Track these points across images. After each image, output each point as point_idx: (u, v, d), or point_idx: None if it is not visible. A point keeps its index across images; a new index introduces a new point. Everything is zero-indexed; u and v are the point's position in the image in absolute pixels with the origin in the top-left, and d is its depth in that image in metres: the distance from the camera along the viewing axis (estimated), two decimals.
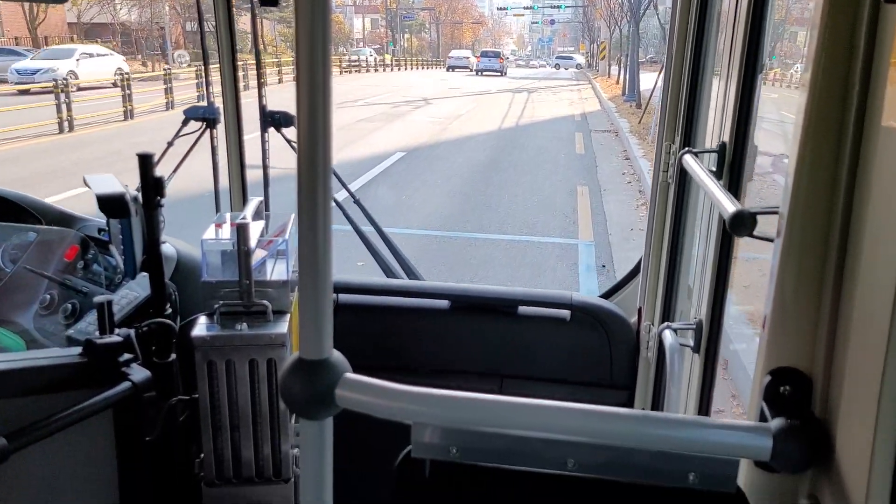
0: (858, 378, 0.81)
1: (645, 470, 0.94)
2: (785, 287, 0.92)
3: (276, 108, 2.71)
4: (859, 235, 0.83)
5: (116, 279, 2.30)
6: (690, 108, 2.04)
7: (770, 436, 0.84)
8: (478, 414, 0.87)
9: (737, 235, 1.32)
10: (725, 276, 1.63)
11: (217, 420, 2.05)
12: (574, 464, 0.94)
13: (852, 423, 0.82)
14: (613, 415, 0.86)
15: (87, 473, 1.96)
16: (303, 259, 0.80)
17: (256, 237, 2.07)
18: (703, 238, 1.90)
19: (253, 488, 2.11)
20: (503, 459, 0.97)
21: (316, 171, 0.75)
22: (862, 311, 0.81)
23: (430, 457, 0.98)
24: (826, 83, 0.86)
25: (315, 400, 0.85)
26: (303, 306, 0.82)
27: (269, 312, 2.03)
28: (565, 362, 2.50)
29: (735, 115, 1.54)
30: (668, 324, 1.93)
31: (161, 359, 2.10)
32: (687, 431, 0.86)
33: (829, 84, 0.86)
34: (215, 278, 2.05)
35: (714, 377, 1.75)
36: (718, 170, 1.61)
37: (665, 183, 2.19)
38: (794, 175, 0.89)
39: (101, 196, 2.00)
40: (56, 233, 2.35)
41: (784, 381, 0.93)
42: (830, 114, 0.86)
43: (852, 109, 0.84)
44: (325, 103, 0.72)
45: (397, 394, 0.87)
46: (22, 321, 2.20)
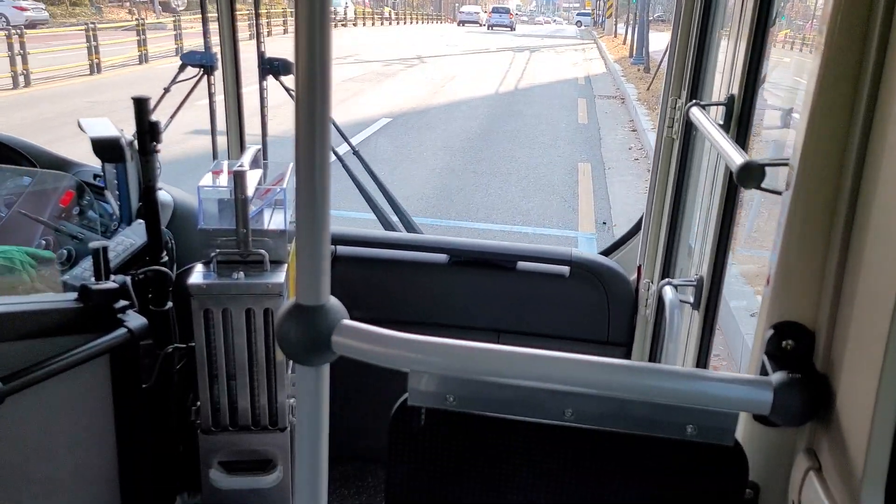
0: (863, 333, 0.80)
1: (643, 421, 0.93)
2: (791, 241, 0.92)
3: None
4: (871, 188, 0.82)
5: (112, 226, 2.27)
6: (698, 62, 2.02)
7: (771, 389, 0.84)
8: (476, 362, 0.88)
9: (744, 188, 1.29)
10: (729, 232, 1.62)
11: (213, 369, 2.05)
12: (572, 414, 0.94)
13: (855, 377, 0.81)
14: (614, 366, 0.86)
15: (83, 419, 1.95)
16: (300, 205, 0.80)
17: (254, 185, 2.06)
18: (707, 193, 1.88)
19: (249, 436, 2.11)
20: (500, 408, 0.96)
21: (314, 119, 0.74)
22: (870, 265, 0.80)
23: (426, 405, 0.97)
24: (843, 34, 0.85)
25: (311, 346, 0.85)
26: (300, 251, 0.82)
27: (266, 262, 2.02)
28: (563, 319, 2.50)
29: (745, 67, 1.51)
30: (668, 280, 1.93)
31: (157, 307, 2.10)
32: (687, 384, 0.86)
33: (846, 35, 0.85)
34: (212, 226, 2.03)
35: (713, 333, 1.74)
36: (726, 123, 1.58)
37: (669, 139, 2.16)
38: (807, 126, 0.88)
39: (96, 139, 1.99)
40: (51, 177, 2.31)
41: (787, 335, 0.92)
42: (846, 65, 0.85)
43: (869, 62, 0.82)
44: (324, 51, 0.71)
45: (395, 341, 0.88)
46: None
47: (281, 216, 2.14)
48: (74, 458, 1.96)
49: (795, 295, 0.93)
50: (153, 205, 2.09)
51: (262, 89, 2.75)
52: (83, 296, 1.85)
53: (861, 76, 0.85)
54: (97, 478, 2.02)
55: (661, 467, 0.98)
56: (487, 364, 0.87)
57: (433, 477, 1.04)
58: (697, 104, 1.71)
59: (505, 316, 2.53)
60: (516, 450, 1.00)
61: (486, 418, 0.98)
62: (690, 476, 0.97)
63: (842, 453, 0.83)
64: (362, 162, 2.91)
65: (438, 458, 1.03)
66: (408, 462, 1.04)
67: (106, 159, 2.13)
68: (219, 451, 2.13)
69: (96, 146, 2.00)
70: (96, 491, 2.03)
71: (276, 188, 2.20)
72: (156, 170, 2.09)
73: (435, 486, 1.04)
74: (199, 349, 2.04)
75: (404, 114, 13.17)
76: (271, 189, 2.20)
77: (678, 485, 0.98)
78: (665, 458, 0.97)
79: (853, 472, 0.80)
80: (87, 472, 2.00)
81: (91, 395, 1.95)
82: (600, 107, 15.00)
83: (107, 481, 2.04)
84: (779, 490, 0.98)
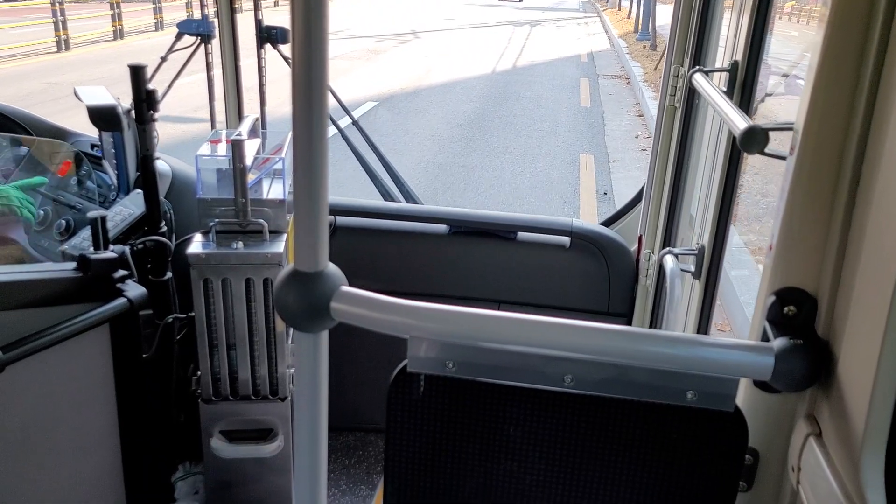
0: (866, 299, 0.79)
1: (643, 387, 0.93)
2: (795, 206, 0.91)
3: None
4: (876, 152, 0.81)
5: (110, 196, 2.24)
6: (702, 30, 2.00)
7: (772, 355, 0.84)
8: (476, 328, 0.88)
9: (748, 153, 1.26)
10: (731, 199, 1.61)
11: (213, 338, 2.05)
12: (571, 380, 0.94)
13: (856, 343, 0.81)
14: (614, 332, 0.86)
15: (84, 389, 1.95)
16: (298, 170, 0.79)
17: (253, 155, 2.05)
18: (709, 162, 1.86)
19: (250, 405, 2.11)
20: (499, 375, 0.96)
21: (311, 88, 0.74)
22: (874, 230, 0.79)
23: (425, 371, 0.97)
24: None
25: (310, 312, 0.85)
26: (298, 218, 0.82)
27: (265, 232, 2.02)
28: (563, 289, 2.51)
29: (749, 32, 1.50)
30: (669, 248, 1.92)
31: (156, 277, 2.11)
32: (688, 349, 0.86)
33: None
34: (210, 196, 2.02)
35: (714, 302, 1.74)
36: (729, 89, 1.58)
37: (672, 108, 2.15)
38: (812, 90, 0.87)
39: (92, 107, 1.98)
40: (48, 147, 2.30)
41: (789, 301, 0.92)
42: (852, 28, 0.83)
43: (876, 25, 0.81)
44: (321, 17, 0.70)
45: (394, 307, 0.87)
46: (16, 237, 2.17)
47: (280, 186, 2.12)
48: (75, 428, 1.95)
49: (798, 260, 0.91)
50: (151, 174, 2.07)
51: (260, 58, 2.71)
52: (82, 265, 1.84)
53: (867, 39, 0.83)
54: (98, 447, 2.03)
55: (660, 433, 0.96)
56: (487, 330, 0.88)
57: (432, 442, 1.02)
58: (701, 70, 1.69)
59: (505, 286, 2.51)
60: (516, 416, 0.99)
61: (485, 385, 0.98)
62: (690, 442, 0.96)
63: (842, 418, 0.82)
64: (362, 133, 2.89)
65: (437, 424, 1.01)
66: (407, 428, 1.02)
67: (103, 128, 2.08)
68: (220, 420, 2.12)
69: (93, 114, 1.97)
70: (98, 460, 2.03)
71: (274, 157, 2.17)
72: (153, 139, 2.07)
73: (434, 452, 1.03)
74: (198, 319, 2.02)
75: (393, 96, 12.13)
76: (270, 158, 2.17)
77: (678, 451, 0.97)
78: (665, 424, 0.95)
79: (853, 437, 0.79)
80: (88, 442, 2.00)
81: (91, 364, 1.95)
82: (604, 87, 13.95)
83: (108, 450, 2.05)
84: (779, 456, 0.98)
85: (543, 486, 1.01)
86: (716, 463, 0.96)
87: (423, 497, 1.05)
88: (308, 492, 0.92)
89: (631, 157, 8.97)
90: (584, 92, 13.36)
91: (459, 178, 7.90)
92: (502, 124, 10.51)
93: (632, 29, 22.10)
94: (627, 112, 11.67)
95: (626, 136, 10.09)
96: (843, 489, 0.80)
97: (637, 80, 13.51)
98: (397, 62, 15.98)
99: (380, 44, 18.92)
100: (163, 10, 18.02)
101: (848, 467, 0.80)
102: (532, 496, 1.02)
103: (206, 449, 2.13)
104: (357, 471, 2.65)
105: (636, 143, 9.60)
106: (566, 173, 8.22)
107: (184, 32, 2.65)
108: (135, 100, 2.03)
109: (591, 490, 1.00)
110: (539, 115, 11.25)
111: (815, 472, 0.87)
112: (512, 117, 11.00)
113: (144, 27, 17.81)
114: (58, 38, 14.62)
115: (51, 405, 1.88)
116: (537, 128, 10.39)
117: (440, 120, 10.63)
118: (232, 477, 2.19)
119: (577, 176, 8.12)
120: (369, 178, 2.81)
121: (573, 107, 12.07)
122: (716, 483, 0.97)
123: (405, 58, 16.78)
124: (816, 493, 0.86)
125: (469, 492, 1.03)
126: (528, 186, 7.71)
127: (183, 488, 2.35)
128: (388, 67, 15.13)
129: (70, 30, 15.09)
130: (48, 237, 2.19)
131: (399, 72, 14.59)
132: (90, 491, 2.04)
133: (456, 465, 1.03)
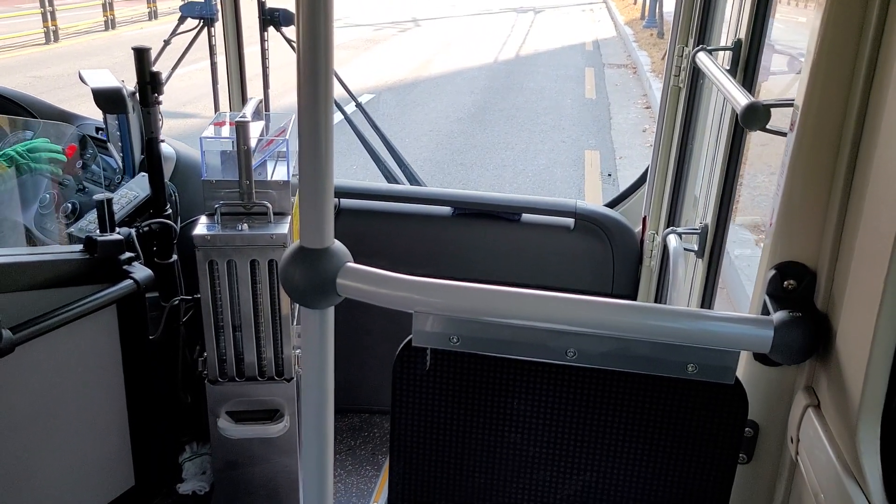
0: (864, 272, 0.81)
1: (644, 360, 0.94)
2: (795, 181, 0.92)
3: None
4: (874, 129, 0.82)
5: (116, 179, 2.25)
6: (706, 9, 2.00)
7: (772, 328, 0.85)
8: (480, 303, 0.89)
9: (749, 129, 1.28)
10: (734, 178, 1.61)
11: (219, 320, 2.05)
12: (574, 354, 0.94)
13: (854, 315, 0.82)
14: (617, 306, 0.87)
15: (92, 370, 1.96)
16: (304, 152, 0.80)
17: (256, 137, 2.04)
18: (713, 142, 1.86)
19: (256, 386, 2.12)
20: (503, 349, 0.97)
21: (317, 70, 0.75)
22: (872, 205, 0.80)
23: (430, 345, 0.98)
24: None
25: (316, 288, 0.86)
26: (304, 196, 0.82)
27: (269, 213, 2.02)
28: (567, 271, 2.51)
29: (752, 11, 1.51)
30: (672, 228, 1.94)
31: (162, 259, 2.12)
32: (689, 323, 0.87)
33: None
34: (215, 178, 2.02)
35: (717, 280, 1.74)
36: (732, 68, 1.59)
37: (676, 88, 2.15)
38: (811, 67, 0.88)
39: (97, 90, 1.99)
40: (54, 129, 2.28)
41: (788, 275, 0.93)
42: (852, 6, 0.84)
43: (875, 5, 0.82)
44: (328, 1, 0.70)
45: (400, 283, 0.89)
46: (22, 220, 2.15)
47: (284, 168, 2.13)
48: (84, 408, 1.95)
49: (798, 235, 0.92)
50: (156, 157, 2.08)
51: (263, 40, 2.71)
52: (89, 247, 1.85)
53: (866, 15, 0.83)
54: (106, 427, 2.02)
55: (661, 406, 0.97)
56: (491, 304, 0.89)
57: (437, 415, 1.03)
58: (704, 49, 1.70)
59: (509, 268, 2.52)
60: (519, 389, 1.00)
61: (489, 358, 0.99)
62: (691, 415, 0.97)
63: (840, 390, 0.83)
64: (366, 116, 2.90)
65: (442, 397, 1.02)
66: (412, 402, 1.03)
67: (108, 111, 2.10)
68: (226, 400, 2.13)
69: (98, 97, 1.98)
70: (106, 440, 2.03)
71: (278, 139, 2.18)
72: (158, 122, 2.08)
73: (439, 424, 1.04)
74: (204, 301, 2.02)
75: (390, 88, 11.68)
76: (274, 140, 2.18)
77: (679, 423, 0.97)
78: (666, 396, 0.96)
79: (851, 407, 0.81)
80: (96, 422, 2.00)
81: (99, 345, 1.96)
82: (610, 77, 13.44)
83: (116, 431, 2.05)
84: (778, 428, 0.99)
85: (547, 458, 1.02)
86: (716, 435, 0.97)
87: (428, 468, 1.06)
88: (315, 463, 0.94)
89: (638, 152, 8.50)
90: (590, 82, 12.86)
91: (457, 178, 7.49)
92: (504, 118, 10.06)
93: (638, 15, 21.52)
94: (634, 104, 11.19)
95: (634, 129, 9.63)
96: (841, 458, 0.81)
97: (644, 70, 13.02)
98: (396, 52, 15.51)
99: (378, 32, 18.39)
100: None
101: (845, 437, 0.81)
102: (536, 468, 1.03)
103: (213, 429, 2.14)
104: (362, 451, 2.66)
105: (644, 138, 9.13)
106: (570, 171, 7.78)
107: (187, 15, 2.64)
108: (139, 82, 2.03)
109: (593, 462, 1.01)
110: (542, 107, 10.78)
111: (814, 442, 0.88)
112: (514, 110, 10.54)
113: (137, 17, 17.36)
114: (46, 28, 14.15)
115: (59, 386, 1.89)
116: (540, 121, 9.93)
117: (439, 113, 10.19)
118: (238, 457, 2.20)
119: (582, 175, 7.68)
120: (373, 160, 2.80)
121: (578, 98, 11.58)
122: (716, 455, 0.98)
123: (405, 47, 16.29)
124: (815, 463, 0.87)
125: (474, 462, 1.05)
126: (530, 186, 7.30)
127: (190, 468, 2.37)
128: (387, 57, 14.66)
129: (60, 20, 14.65)
130: (53, 219, 2.20)
131: (398, 62, 14.12)
132: (98, 471, 2.05)
133: (460, 437, 1.04)
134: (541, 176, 7.65)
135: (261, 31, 2.70)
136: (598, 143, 8.92)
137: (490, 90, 11.97)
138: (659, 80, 11.85)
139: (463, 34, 19.08)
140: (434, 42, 17.33)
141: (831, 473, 0.82)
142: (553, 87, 12.36)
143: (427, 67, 13.85)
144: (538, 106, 10.85)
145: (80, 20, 16.00)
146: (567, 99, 11.46)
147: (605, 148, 8.69)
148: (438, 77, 12.95)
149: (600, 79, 13.22)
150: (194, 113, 8.58)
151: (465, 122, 9.75)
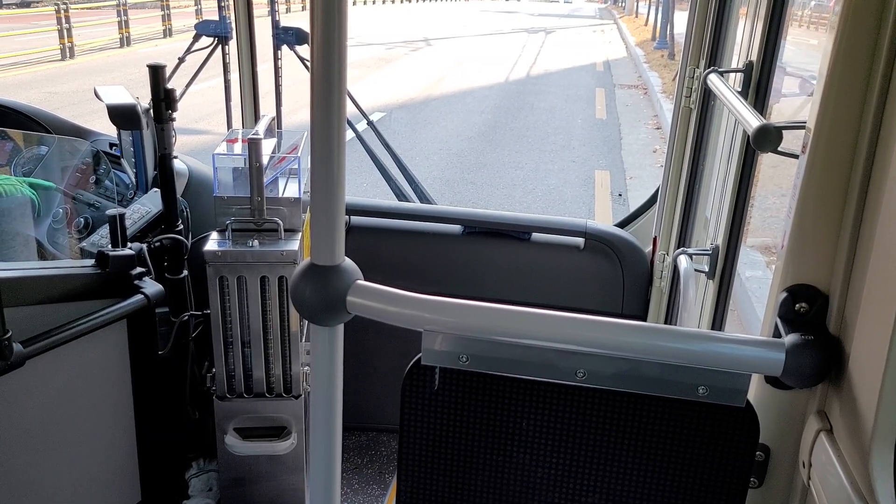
0: (876, 296, 0.80)
1: (655, 382, 0.93)
2: (807, 203, 0.91)
3: None
4: (887, 151, 0.81)
5: (128, 194, 2.27)
6: (717, 32, 2.00)
7: (783, 351, 0.84)
8: (490, 322, 0.89)
9: (761, 151, 1.27)
10: (745, 199, 1.61)
11: (228, 336, 2.05)
12: (584, 374, 0.94)
13: (867, 339, 0.81)
14: (627, 327, 0.86)
15: (101, 384, 1.96)
16: (316, 166, 0.81)
17: (268, 154, 2.06)
18: (724, 162, 1.86)
19: (264, 402, 2.11)
20: (512, 369, 0.96)
21: (331, 89, 0.75)
22: (885, 228, 0.80)
23: (439, 364, 0.97)
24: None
25: (326, 305, 0.86)
26: (315, 213, 0.83)
27: (280, 230, 2.02)
28: (577, 290, 2.50)
29: (764, 33, 1.50)
30: (683, 248, 1.94)
31: (173, 274, 2.13)
32: (700, 345, 0.86)
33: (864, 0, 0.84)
34: (226, 194, 2.03)
35: (728, 302, 1.73)
36: (744, 90, 1.58)
37: (687, 109, 2.15)
38: (824, 89, 0.87)
39: (112, 106, 2.01)
40: (68, 145, 2.29)
41: (800, 298, 0.92)
42: (864, 26, 0.84)
43: (888, 23, 0.82)
44: (342, 19, 0.72)
45: (409, 301, 0.89)
46: (35, 234, 2.15)
47: (295, 185, 2.14)
48: (92, 423, 1.96)
49: (810, 257, 0.92)
50: (169, 173, 2.09)
51: (277, 59, 2.74)
52: (100, 262, 1.86)
53: (879, 37, 0.83)
54: (114, 442, 2.02)
55: (672, 428, 0.96)
56: (501, 324, 0.89)
57: (445, 434, 1.03)
58: (715, 71, 1.70)
59: (519, 287, 2.52)
60: (528, 410, 1.00)
61: (498, 378, 0.98)
62: (701, 437, 0.96)
63: (853, 415, 0.82)
64: (377, 134, 2.93)
65: (450, 417, 1.02)
66: (420, 420, 1.03)
67: (122, 127, 2.13)
68: (234, 417, 2.12)
69: (112, 113, 2.01)
70: (113, 455, 2.03)
71: (290, 156, 2.19)
72: (171, 138, 2.09)
73: (447, 443, 1.03)
74: (213, 316, 2.03)
75: (401, 106, 11.74)
76: (286, 157, 2.19)
77: (689, 446, 0.96)
78: (676, 419, 0.96)
79: (864, 433, 0.79)
80: (104, 437, 2.00)
81: (109, 360, 1.96)
82: (620, 98, 13.49)
83: (124, 446, 2.05)
84: (790, 452, 0.98)
85: (555, 479, 1.01)
86: (727, 458, 0.96)
87: (436, 487, 1.05)
88: (322, 481, 0.94)
89: (649, 173, 8.48)
90: (600, 103, 12.90)
91: (467, 197, 7.49)
92: (514, 137, 10.08)
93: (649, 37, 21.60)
94: (645, 124, 11.21)
95: (644, 150, 9.63)
96: (854, 484, 0.80)
97: (655, 91, 13.05)
98: (408, 71, 15.61)
99: (391, 51, 18.54)
100: (171, 17, 17.77)
101: (858, 463, 0.80)
102: (544, 489, 1.02)
103: (220, 446, 2.14)
104: (369, 470, 2.66)
105: (654, 158, 9.12)
106: (580, 192, 7.77)
107: (202, 33, 2.69)
108: (153, 99, 2.04)
109: (602, 483, 1.00)
110: (553, 127, 10.82)
111: (826, 467, 0.87)
112: (525, 130, 10.57)
113: (152, 34, 17.56)
114: (62, 45, 14.34)
115: (69, 400, 1.90)
116: (551, 141, 9.95)
117: (450, 132, 10.22)
118: (245, 474, 2.19)
119: (592, 195, 7.68)
120: (383, 178, 2.81)
121: (588, 118, 11.61)
122: (727, 479, 0.96)
123: (416, 66, 16.41)
124: (827, 489, 0.86)
125: (482, 482, 1.04)
126: (540, 206, 7.29)
127: (197, 485, 2.36)
128: (399, 76, 14.76)
129: (76, 37, 14.85)
130: (66, 234, 2.22)
131: (409, 81, 14.21)
132: (105, 486, 2.05)
133: (468, 457, 1.04)
134: (551, 195, 7.64)
135: (274, 50, 2.73)
136: (608, 163, 8.91)
137: (501, 109, 12.01)
138: (669, 101, 11.88)
139: (474, 54, 19.20)
140: (445, 61, 17.44)
141: (844, 499, 0.81)
142: (564, 106, 12.40)
143: (438, 86, 13.94)
144: (549, 125, 10.88)
145: (95, 37, 16.20)
146: (578, 119, 11.49)
147: (615, 168, 8.68)
148: (449, 96, 13.02)
149: (611, 99, 13.26)
150: (207, 129, 8.66)
151: (476, 141, 9.78)
